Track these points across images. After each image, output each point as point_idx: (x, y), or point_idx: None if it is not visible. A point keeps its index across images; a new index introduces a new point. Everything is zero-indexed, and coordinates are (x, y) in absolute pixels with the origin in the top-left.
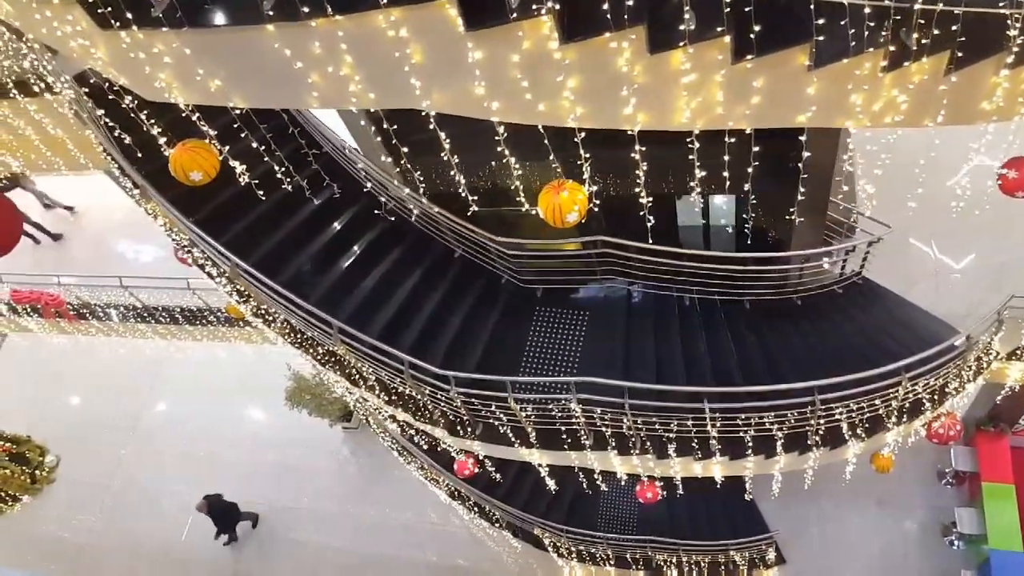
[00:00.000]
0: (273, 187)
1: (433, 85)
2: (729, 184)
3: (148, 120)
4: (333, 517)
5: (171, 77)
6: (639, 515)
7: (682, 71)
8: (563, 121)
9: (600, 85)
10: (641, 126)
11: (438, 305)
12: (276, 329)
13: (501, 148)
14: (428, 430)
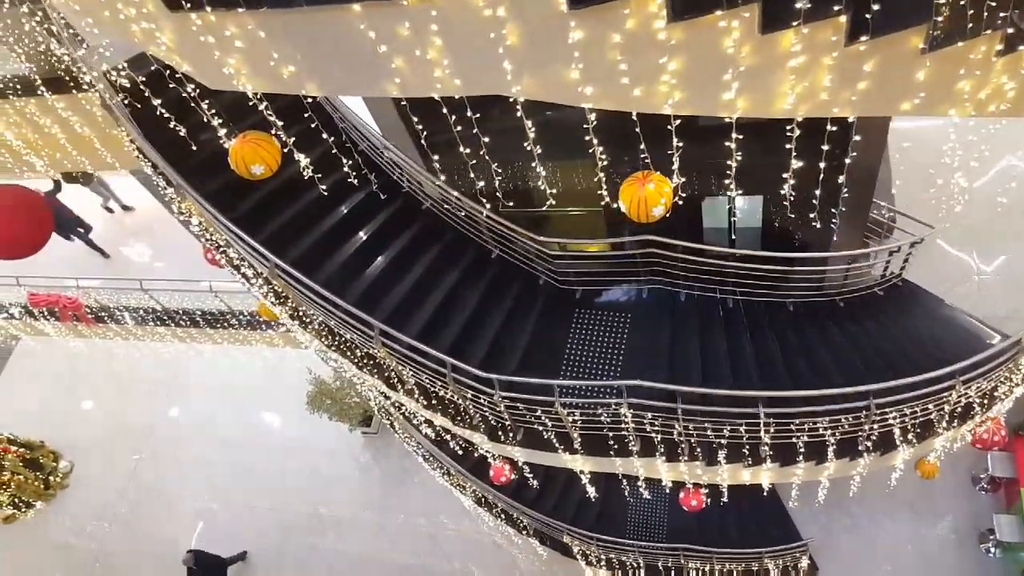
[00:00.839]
0: (310, 184)
1: (525, 69)
2: (767, 183)
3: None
4: (353, 524)
5: (241, 63)
6: (669, 522)
7: (791, 53)
8: (658, 108)
9: (703, 68)
10: (741, 112)
11: (476, 307)
12: (312, 332)
13: (532, 147)
14: (466, 435)
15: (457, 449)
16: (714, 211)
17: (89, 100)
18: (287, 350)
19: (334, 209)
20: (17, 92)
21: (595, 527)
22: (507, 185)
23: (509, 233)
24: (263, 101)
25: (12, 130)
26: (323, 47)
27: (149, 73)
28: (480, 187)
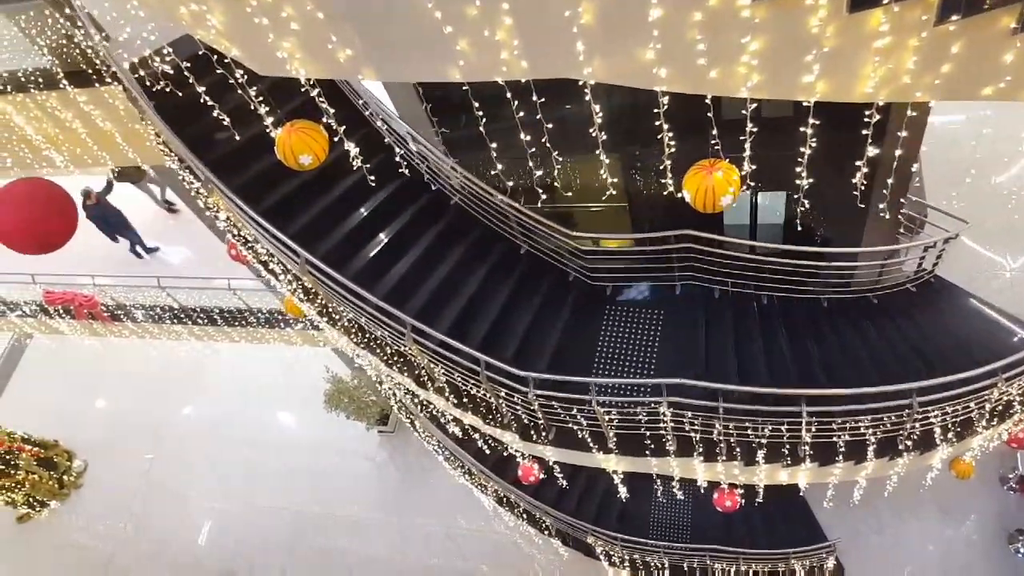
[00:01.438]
0: (337, 178)
1: (598, 50)
2: (792, 179)
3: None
4: (370, 523)
5: (296, 47)
6: (692, 523)
7: (878, 33)
8: (734, 91)
9: (784, 49)
10: (819, 96)
11: (505, 304)
12: (340, 329)
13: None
14: (497, 434)
15: (485, 448)
16: (736, 207)
17: (112, 94)
18: (303, 349)
19: (361, 204)
20: (39, 86)
21: (617, 527)
22: (531, 181)
23: (540, 228)
24: (263, 99)
25: (32, 125)
26: (385, 29)
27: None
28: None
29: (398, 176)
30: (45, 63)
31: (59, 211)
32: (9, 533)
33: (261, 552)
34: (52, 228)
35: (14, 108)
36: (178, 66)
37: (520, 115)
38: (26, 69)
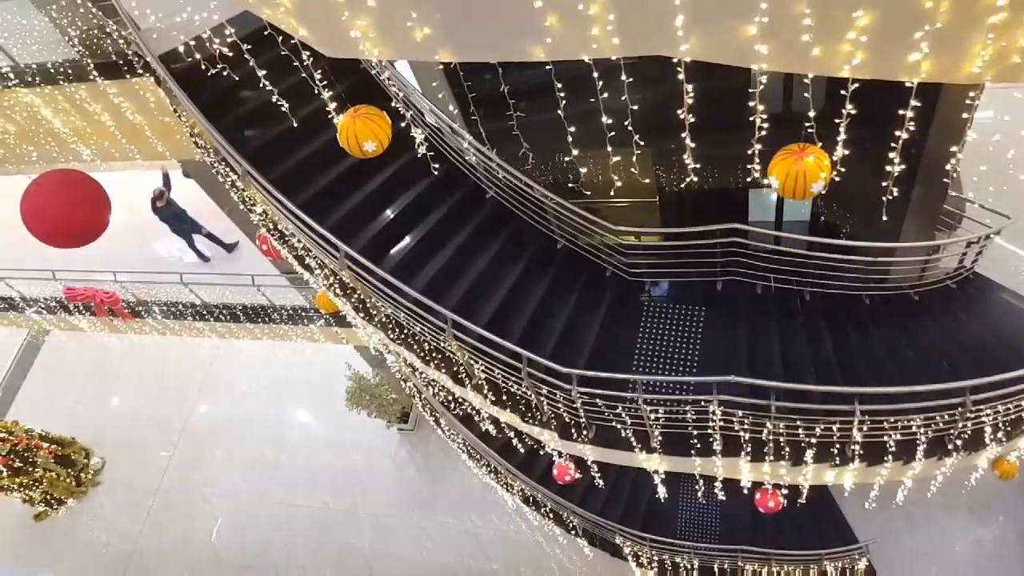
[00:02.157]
0: (373, 170)
1: (697, 26)
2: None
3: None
4: (391, 522)
5: (370, 26)
6: (721, 523)
7: (995, 8)
8: (835, 70)
9: (894, 25)
10: (924, 77)
11: (542, 300)
12: (376, 325)
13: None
14: (535, 433)
15: (520, 448)
16: (761, 203)
17: (143, 86)
18: (321, 346)
19: (396, 198)
20: (68, 78)
21: (644, 527)
22: (563, 175)
23: (580, 223)
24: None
25: (60, 117)
26: (468, 4)
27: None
28: (547, 175)
29: (432, 171)
30: (75, 54)
31: (93, 204)
32: (26, 531)
33: (281, 550)
34: (86, 221)
35: (42, 101)
36: (213, 56)
37: (550, 109)
38: (55, 61)
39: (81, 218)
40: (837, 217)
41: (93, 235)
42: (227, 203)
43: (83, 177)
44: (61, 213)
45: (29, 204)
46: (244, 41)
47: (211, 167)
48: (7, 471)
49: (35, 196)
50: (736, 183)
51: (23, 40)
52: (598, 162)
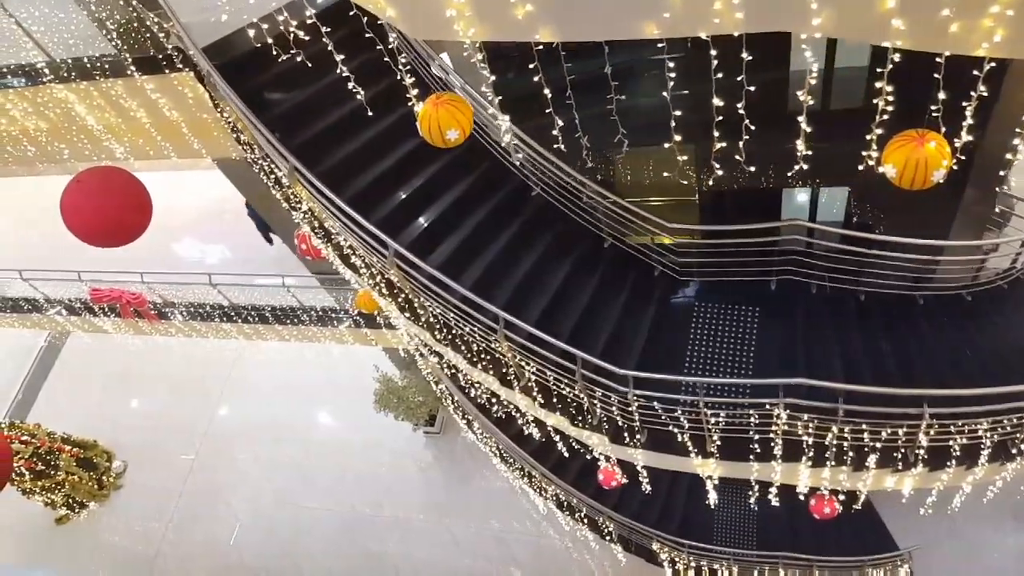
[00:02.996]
0: (420, 165)
1: None
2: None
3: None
4: (418, 526)
5: (467, 4)
6: (758, 529)
7: None
8: (970, 48)
9: None
10: None
11: (590, 300)
12: (422, 325)
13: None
14: (583, 437)
15: (565, 452)
16: (793, 203)
17: (182, 81)
18: (347, 348)
19: (441, 196)
20: (104, 73)
21: (680, 533)
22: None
23: (632, 221)
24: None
25: (94, 114)
26: None
27: (243, 53)
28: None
29: (476, 167)
30: (111, 49)
31: (135, 204)
32: (48, 535)
33: (306, 554)
34: (128, 221)
35: (76, 96)
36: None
37: (590, 106)
38: (92, 55)
39: (123, 217)
40: (871, 217)
41: (134, 235)
42: (263, 202)
43: (127, 175)
44: (103, 211)
45: (70, 200)
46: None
47: (251, 165)
48: (30, 474)
49: (76, 193)
50: (772, 182)
51: (59, 34)
52: (636, 161)
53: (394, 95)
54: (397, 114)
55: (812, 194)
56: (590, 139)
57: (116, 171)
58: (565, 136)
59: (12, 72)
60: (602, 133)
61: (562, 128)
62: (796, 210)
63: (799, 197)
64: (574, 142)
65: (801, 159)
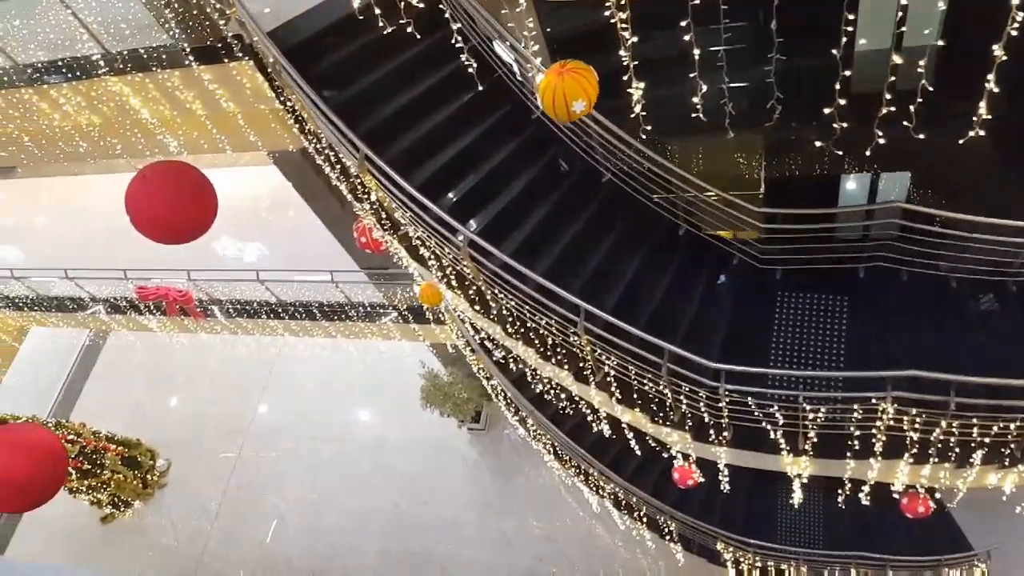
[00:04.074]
0: (489, 149)
1: None
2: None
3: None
4: (465, 525)
5: None
6: (824, 528)
7: None
8: None
9: None
10: None
11: (667, 290)
12: (493, 319)
13: None
14: (662, 435)
15: (638, 450)
16: (854, 190)
17: (240, 70)
18: (388, 345)
19: (511, 182)
20: (161, 64)
21: (744, 532)
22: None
23: (715, 206)
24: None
25: (149, 107)
26: None
27: (304, 39)
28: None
29: (545, 153)
30: (168, 39)
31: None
32: (94, 534)
33: (353, 554)
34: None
35: (131, 89)
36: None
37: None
38: (149, 46)
39: (189, 213)
40: (932, 203)
41: (200, 231)
42: (317, 197)
43: (193, 170)
44: (170, 206)
45: (135, 194)
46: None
47: (314, 155)
48: (76, 473)
49: (142, 186)
50: (830, 168)
51: (115, 25)
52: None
53: (459, 81)
54: (462, 100)
55: (872, 180)
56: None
57: (182, 165)
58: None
59: (67, 66)
60: (667, 119)
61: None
62: (854, 197)
63: (856, 184)
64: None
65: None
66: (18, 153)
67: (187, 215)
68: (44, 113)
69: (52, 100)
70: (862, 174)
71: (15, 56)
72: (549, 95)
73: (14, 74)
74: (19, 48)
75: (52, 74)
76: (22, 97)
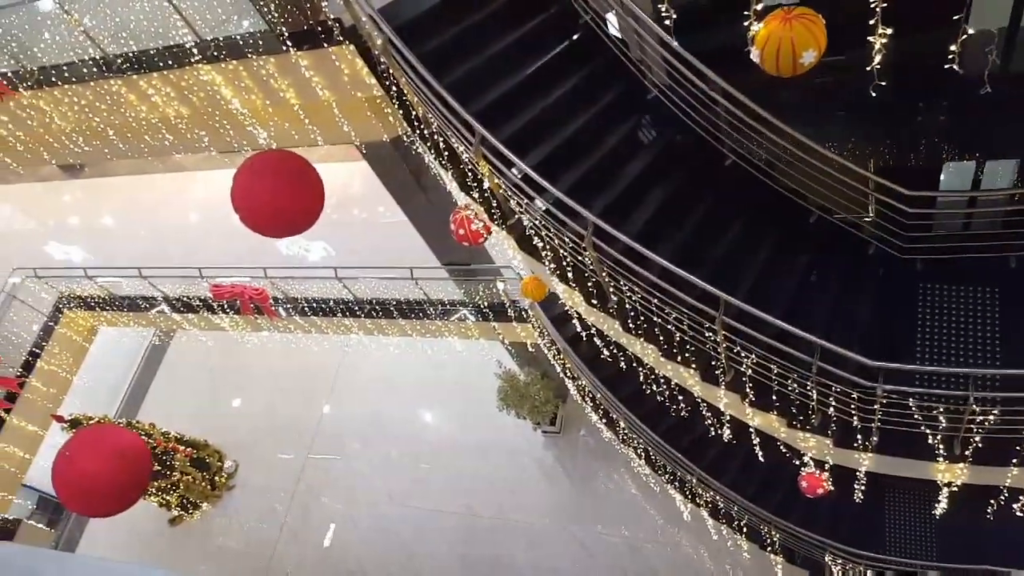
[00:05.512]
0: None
1: None
2: None
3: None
4: (543, 531)
5: None
6: (938, 537)
7: None
8: None
9: None
10: None
11: (799, 283)
12: (610, 312)
13: None
14: (795, 440)
15: (761, 456)
16: (955, 178)
17: (340, 55)
18: (458, 345)
19: (629, 162)
20: (257, 50)
21: (852, 543)
22: None
23: (856, 190)
24: None
25: (240, 96)
26: None
27: (407, 21)
28: None
29: (663, 132)
30: (264, 24)
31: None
32: (161, 536)
33: (427, 559)
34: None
35: (223, 78)
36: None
37: None
38: (245, 31)
39: (298, 204)
40: None
41: (309, 223)
42: (403, 189)
43: (300, 158)
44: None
45: (244, 180)
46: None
47: (417, 143)
48: None
49: (250, 174)
50: (926, 155)
51: (209, 11)
52: None
53: (568, 60)
54: (572, 81)
55: (976, 171)
56: None
57: (289, 154)
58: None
59: (158, 54)
60: None
61: None
62: (956, 182)
63: (958, 171)
64: None
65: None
66: (102, 148)
67: (297, 205)
68: (131, 104)
69: (141, 91)
70: (964, 163)
71: (105, 47)
72: (773, 45)
73: (104, 65)
74: (109, 38)
75: (142, 63)
76: (110, 89)
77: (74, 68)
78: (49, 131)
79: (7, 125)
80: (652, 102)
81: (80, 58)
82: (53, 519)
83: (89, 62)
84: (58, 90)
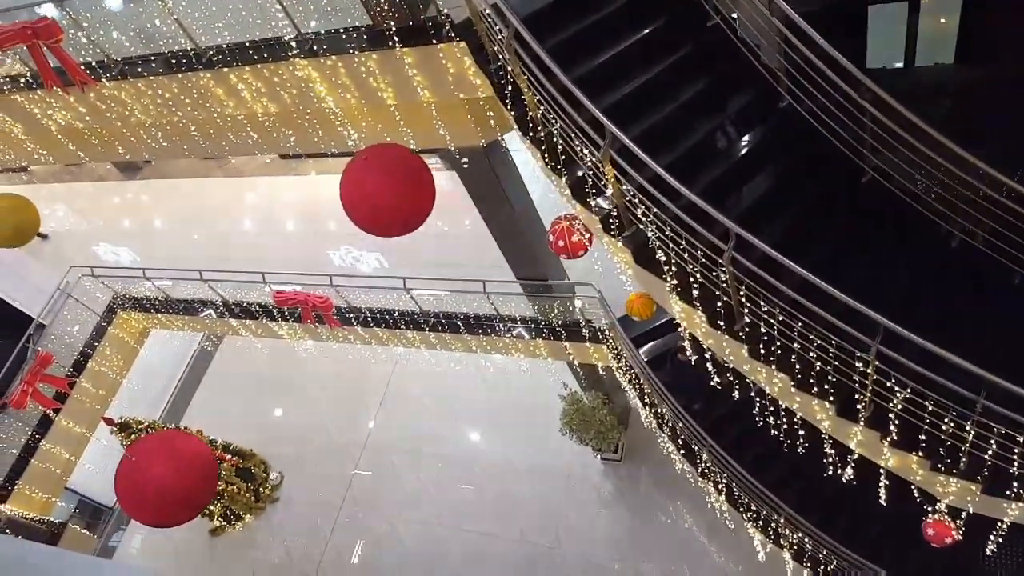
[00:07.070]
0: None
1: None
2: None
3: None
4: (602, 564)
5: None
6: None
7: None
8: None
9: None
10: None
11: (940, 316)
12: (738, 336)
13: None
14: (934, 486)
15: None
16: None
17: (448, 53)
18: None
19: (757, 172)
20: (360, 45)
21: None
22: None
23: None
24: None
25: (335, 94)
26: None
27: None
28: None
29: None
30: (368, 19)
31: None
32: (201, 547)
33: None
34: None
35: (319, 74)
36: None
37: None
38: (348, 25)
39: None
40: None
41: (420, 220)
42: (489, 198)
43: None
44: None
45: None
46: None
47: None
48: None
49: (363, 171)
50: None
51: (311, 3)
52: None
53: (694, 64)
54: (703, 81)
55: None
56: None
57: (402, 149)
58: None
59: (253, 47)
60: None
61: None
62: None
63: None
64: None
65: None
66: (181, 144)
67: (410, 202)
68: (218, 99)
69: (230, 85)
70: None
71: (197, 38)
72: None
73: (194, 57)
74: (202, 29)
75: (235, 56)
76: (197, 82)
77: (162, 59)
78: (127, 124)
79: (84, 117)
80: (785, 110)
81: (169, 49)
82: (91, 523)
83: (179, 53)
84: (143, 81)
